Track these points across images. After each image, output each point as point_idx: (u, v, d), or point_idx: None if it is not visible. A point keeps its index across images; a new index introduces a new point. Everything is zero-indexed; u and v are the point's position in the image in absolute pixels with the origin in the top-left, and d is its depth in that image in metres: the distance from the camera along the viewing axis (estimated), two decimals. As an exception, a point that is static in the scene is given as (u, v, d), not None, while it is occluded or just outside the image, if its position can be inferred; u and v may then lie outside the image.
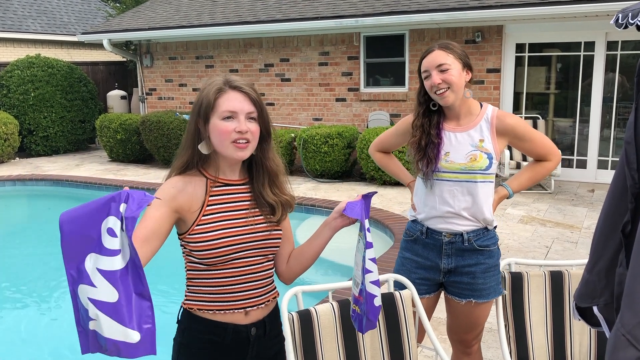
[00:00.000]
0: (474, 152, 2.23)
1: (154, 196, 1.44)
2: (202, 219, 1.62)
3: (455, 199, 2.26)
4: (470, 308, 2.34)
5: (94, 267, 1.26)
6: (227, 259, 1.63)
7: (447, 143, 2.26)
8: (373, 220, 6.42)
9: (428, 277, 2.36)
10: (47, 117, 11.56)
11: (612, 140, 8.27)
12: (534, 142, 2.29)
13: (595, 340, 2.30)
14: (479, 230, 2.30)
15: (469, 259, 2.29)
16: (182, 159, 1.67)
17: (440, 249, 2.31)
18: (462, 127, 2.27)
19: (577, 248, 5.35)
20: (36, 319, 4.53)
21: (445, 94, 2.19)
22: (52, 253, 6.19)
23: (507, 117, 2.27)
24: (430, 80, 2.20)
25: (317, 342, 2.01)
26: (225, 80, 1.63)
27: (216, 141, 1.61)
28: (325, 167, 8.66)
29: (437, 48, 2.21)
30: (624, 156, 1.03)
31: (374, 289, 1.59)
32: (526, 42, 8.45)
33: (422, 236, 2.35)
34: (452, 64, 2.19)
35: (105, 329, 1.26)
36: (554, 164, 2.34)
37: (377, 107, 9.49)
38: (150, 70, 11.63)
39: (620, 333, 0.89)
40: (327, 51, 9.77)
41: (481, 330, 2.45)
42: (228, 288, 1.66)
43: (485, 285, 2.31)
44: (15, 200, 8.76)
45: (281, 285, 1.87)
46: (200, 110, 1.63)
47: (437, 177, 2.27)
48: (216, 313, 1.66)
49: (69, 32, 15.88)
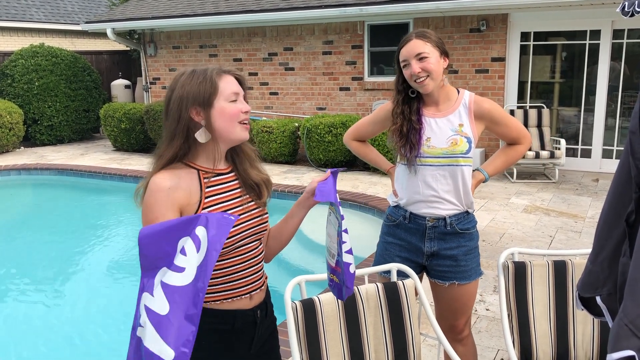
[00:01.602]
0: (454, 137, 2.29)
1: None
2: (203, 212, 1.62)
3: (439, 182, 2.31)
4: (454, 291, 2.40)
5: (159, 279, 1.33)
6: (232, 248, 1.65)
7: (427, 129, 2.32)
8: (377, 210, 6.43)
9: (411, 259, 2.42)
10: (52, 107, 11.57)
11: (617, 130, 8.23)
12: (509, 126, 2.38)
13: (598, 329, 2.31)
14: (461, 214, 2.37)
15: (450, 242, 2.36)
16: (171, 151, 1.62)
17: (423, 233, 2.37)
18: (441, 112, 2.33)
19: (581, 238, 5.35)
20: (39, 307, 4.56)
21: (425, 82, 2.25)
22: (55, 242, 6.23)
23: (484, 102, 2.34)
24: (410, 69, 2.25)
25: (320, 330, 2.02)
26: (217, 67, 1.66)
27: (224, 125, 1.62)
28: (329, 157, 8.66)
29: (415, 37, 2.26)
30: (629, 146, 1.03)
31: (348, 257, 1.68)
32: (531, 31, 8.39)
33: (404, 221, 2.40)
34: (430, 52, 2.24)
35: (147, 338, 1.29)
36: (525, 147, 2.45)
37: (381, 97, 9.46)
38: (154, 60, 11.61)
39: (623, 323, 0.89)
40: (331, 40, 9.73)
41: (470, 316, 2.50)
42: (234, 276, 1.68)
43: (467, 267, 2.39)
44: (20, 190, 8.79)
45: (285, 275, 1.88)
46: (198, 98, 1.60)
47: (419, 163, 2.32)
48: (223, 302, 1.68)
49: (73, 21, 15.84)
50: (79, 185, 8.76)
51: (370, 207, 6.57)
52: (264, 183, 1.79)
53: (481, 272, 2.46)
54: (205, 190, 1.64)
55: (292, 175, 8.40)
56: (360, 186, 7.59)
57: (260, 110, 10.55)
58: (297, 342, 1.95)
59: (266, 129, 9.06)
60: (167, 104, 1.64)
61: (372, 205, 6.54)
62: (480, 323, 3.67)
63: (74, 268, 5.43)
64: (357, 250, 5.95)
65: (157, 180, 1.59)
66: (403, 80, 2.34)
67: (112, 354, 3.79)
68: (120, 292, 4.83)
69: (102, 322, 4.24)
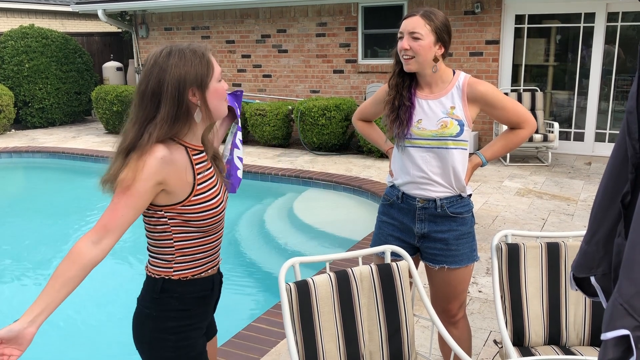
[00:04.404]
0: (444, 119, 2.27)
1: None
2: (198, 188, 1.68)
3: (428, 164, 2.30)
4: (445, 274, 2.39)
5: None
6: (216, 225, 1.76)
7: (419, 110, 2.31)
8: (370, 193, 6.44)
9: (404, 240, 2.43)
10: (43, 89, 11.46)
11: (610, 113, 8.25)
12: (506, 109, 2.31)
13: (590, 310, 2.33)
14: (453, 197, 2.34)
15: (441, 225, 2.35)
16: (170, 133, 1.61)
17: (414, 213, 2.37)
18: (434, 94, 2.31)
19: (573, 220, 5.38)
20: (29, 290, 4.55)
21: (409, 61, 2.24)
22: (47, 225, 6.20)
23: (479, 84, 2.30)
24: (401, 43, 2.25)
25: (314, 312, 2.02)
26: (203, 46, 1.66)
27: (216, 103, 1.67)
28: (323, 140, 8.64)
29: (419, 15, 2.22)
30: (625, 126, 1.02)
31: (239, 163, 2.06)
32: (525, 14, 8.36)
33: (397, 201, 2.41)
34: (425, 35, 2.20)
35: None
36: (528, 132, 2.37)
37: (375, 79, 9.42)
38: (146, 41, 11.49)
39: (618, 302, 0.89)
40: (324, 22, 9.65)
41: (464, 300, 2.49)
42: (214, 249, 1.82)
43: (459, 252, 2.36)
44: (11, 172, 8.74)
45: (279, 257, 1.93)
46: (197, 80, 1.61)
47: (409, 144, 2.32)
48: (207, 272, 1.81)
49: (63, 2, 15.62)
50: (70, 168, 8.72)
51: (364, 190, 6.58)
52: (218, 154, 1.88)
53: (475, 258, 2.43)
54: (195, 167, 1.70)
55: (286, 158, 8.38)
56: (354, 169, 7.59)
57: (253, 93, 10.49)
58: (291, 324, 1.96)
59: (259, 112, 9.01)
60: (157, 86, 1.59)
61: (365, 189, 6.55)
62: (472, 305, 3.70)
63: (65, 251, 5.41)
64: (351, 233, 5.99)
65: (155, 150, 1.58)
66: None
67: (102, 337, 3.80)
68: (111, 275, 4.83)
69: (92, 305, 4.23)
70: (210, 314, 1.89)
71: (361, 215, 6.03)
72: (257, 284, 4.64)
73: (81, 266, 1.51)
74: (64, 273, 1.50)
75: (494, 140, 2.46)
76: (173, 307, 1.73)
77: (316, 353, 2.00)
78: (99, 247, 1.54)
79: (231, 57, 10.60)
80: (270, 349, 3.15)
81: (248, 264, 4.97)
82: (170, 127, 1.60)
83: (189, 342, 1.76)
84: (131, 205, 1.56)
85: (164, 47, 1.64)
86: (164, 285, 1.72)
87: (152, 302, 1.73)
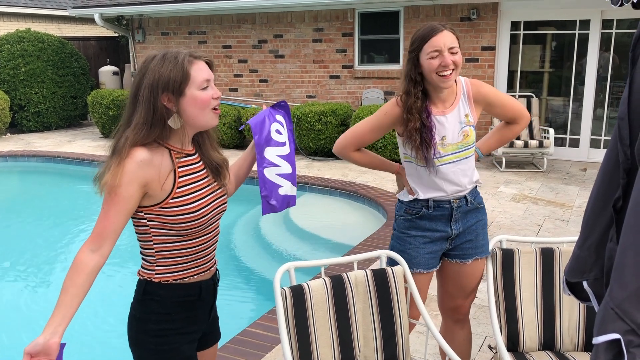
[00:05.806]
0: (464, 129, 2.30)
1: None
2: (177, 191, 1.67)
3: (460, 177, 2.32)
4: (469, 267, 2.43)
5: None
6: (201, 229, 1.73)
7: (439, 127, 2.26)
8: (366, 199, 6.44)
9: (436, 250, 2.40)
10: (38, 93, 11.44)
11: (605, 119, 8.28)
12: (505, 106, 2.38)
13: (584, 316, 2.33)
14: (473, 190, 2.42)
15: (471, 218, 2.40)
16: (148, 138, 1.61)
17: (450, 216, 2.36)
18: (448, 108, 2.29)
19: (568, 226, 5.39)
20: (24, 294, 4.53)
21: (452, 75, 2.17)
22: (42, 229, 6.18)
23: (481, 86, 2.34)
24: (441, 59, 2.14)
25: (309, 317, 2.02)
26: (187, 52, 1.65)
27: (195, 112, 1.65)
28: (319, 145, 8.65)
29: (448, 29, 2.19)
30: (617, 132, 1.03)
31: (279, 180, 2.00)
32: (521, 20, 8.40)
33: (428, 210, 2.35)
34: (459, 48, 2.22)
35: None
36: (521, 127, 2.45)
37: (371, 85, 9.45)
38: (143, 46, 11.50)
39: (609, 307, 0.90)
40: (321, 27, 9.68)
41: (475, 294, 2.54)
42: (200, 254, 1.78)
43: (484, 241, 2.45)
44: (6, 176, 8.71)
45: (274, 262, 1.92)
46: (169, 86, 1.60)
47: (440, 163, 2.28)
48: (191, 278, 1.78)
49: (60, 6, 15.62)
50: (66, 173, 8.70)
51: (359, 196, 6.59)
52: (224, 164, 1.85)
53: None
54: (178, 170, 1.68)
55: (282, 163, 8.38)
56: (350, 175, 7.60)
57: (249, 97, 10.50)
58: (286, 329, 1.96)
59: (256, 116, 9.01)
60: (136, 88, 1.62)
61: (361, 194, 6.55)
62: (468, 310, 3.70)
63: (61, 256, 5.40)
64: (346, 238, 5.98)
65: (133, 153, 1.60)
66: (420, 70, 2.22)
67: (97, 341, 3.79)
68: (106, 279, 4.81)
69: (87, 310, 4.22)
70: (202, 319, 1.84)
71: (357, 221, 6.03)
72: (252, 289, 4.63)
73: (87, 274, 1.59)
74: (73, 284, 1.58)
75: (488, 135, 2.52)
76: (154, 310, 1.72)
77: (311, 358, 2.00)
78: (99, 253, 1.61)
79: (228, 62, 10.62)
80: (265, 354, 3.15)
81: (243, 269, 4.97)
82: (147, 132, 1.61)
83: (171, 346, 1.74)
84: (120, 210, 1.60)
85: (159, 51, 1.66)
86: (146, 288, 1.73)
87: (137, 303, 1.75)
